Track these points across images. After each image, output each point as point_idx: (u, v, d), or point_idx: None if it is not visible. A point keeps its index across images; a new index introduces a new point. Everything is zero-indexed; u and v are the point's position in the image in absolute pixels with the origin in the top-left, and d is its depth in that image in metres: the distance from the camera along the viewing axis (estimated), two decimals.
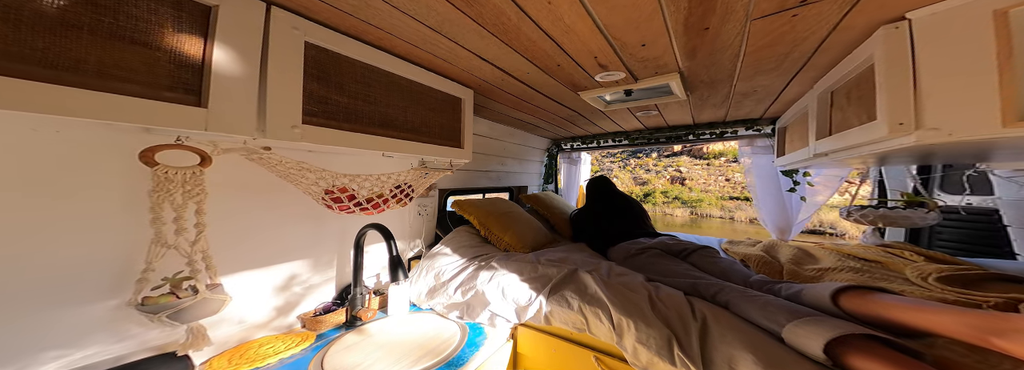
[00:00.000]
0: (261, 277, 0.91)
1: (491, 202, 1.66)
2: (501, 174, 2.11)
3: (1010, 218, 1.25)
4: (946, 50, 0.59)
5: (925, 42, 0.61)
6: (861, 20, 0.66)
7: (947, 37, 0.59)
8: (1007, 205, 1.25)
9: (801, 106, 1.30)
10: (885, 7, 0.61)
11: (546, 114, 1.67)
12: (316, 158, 0.97)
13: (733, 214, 16.73)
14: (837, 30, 0.70)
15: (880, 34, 0.67)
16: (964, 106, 0.57)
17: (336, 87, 0.80)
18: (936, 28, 0.60)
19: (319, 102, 0.76)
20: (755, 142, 1.85)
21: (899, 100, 0.62)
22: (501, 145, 2.03)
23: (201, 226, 0.63)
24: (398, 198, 1.06)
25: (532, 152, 2.40)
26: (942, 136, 0.58)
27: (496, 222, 1.47)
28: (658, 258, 1.11)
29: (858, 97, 0.82)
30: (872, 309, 0.58)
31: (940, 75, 0.59)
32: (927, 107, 0.60)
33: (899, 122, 0.62)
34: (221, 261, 0.75)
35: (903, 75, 0.62)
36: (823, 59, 0.88)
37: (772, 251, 1.33)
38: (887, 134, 0.63)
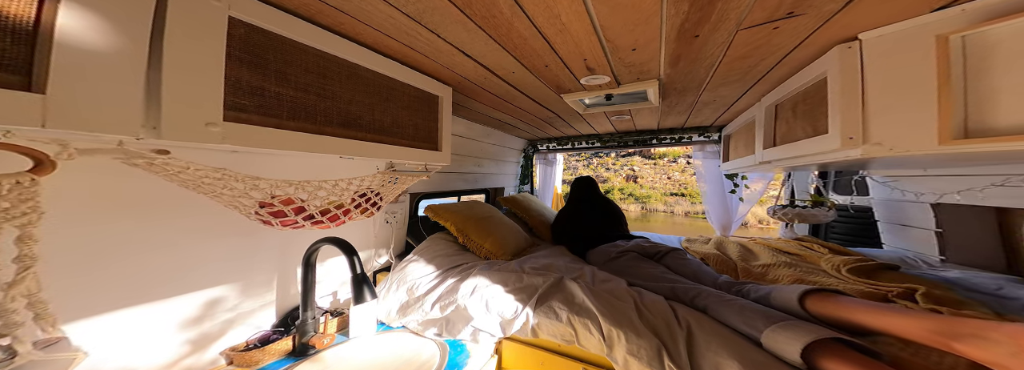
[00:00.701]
0: (159, 310, 0.70)
1: (469, 206, 1.53)
2: (478, 176, 1.98)
3: (879, 215, 1.46)
4: (892, 71, 0.61)
5: (873, 62, 0.63)
6: (822, 38, 0.67)
7: (893, 59, 0.61)
8: (877, 204, 1.45)
9: (747, 117, 1.39)
10: (846, 27, 0.62)
11: (526, 115, 1.58)
12: (248, 162, 0.76)
13: (673, 208, 18.62)
14: (800, 46, 0.71)
15: (835, 52, 0.68)
16: (905, 124, 0.59)
17: (277, 76, 0.62)
18: (884, 50, 0.62)
19: (252, 94, 0.58)
20: (705, 147, 1.98)
21: (850, 116, 0.64)
22: (478, 145, 1.89)
23: (26, 260, 0.41)
24: (363, 208, 0.89)
25: (509, 153, 2.30)
26: (883, 151, 0.60)
27: (475, 228, 1.35)
28: (636, 261, 1.10)
29: (804, 111, 0.87)
30: (836, 312, 0.60)
31: (885, 94, 0.61)
32: (872, 123, 0.62)
33: (849, 136, 0.64)
34: (87, 299, 0.55)
35: (854, 92, 0.64)
36: (777, 73, 0.92)
37: (722, 249, 1.42)
38: (839, 147, 0.65)
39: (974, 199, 1.00)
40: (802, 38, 0.68)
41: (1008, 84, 0.49)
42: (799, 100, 0.90)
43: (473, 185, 1.96)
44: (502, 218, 1.54)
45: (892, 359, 0.53)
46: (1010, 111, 0.49)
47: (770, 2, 0.53)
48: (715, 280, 0.91)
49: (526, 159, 2.51)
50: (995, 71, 0.50)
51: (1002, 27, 0.48)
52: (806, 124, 0.84)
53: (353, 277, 0.78)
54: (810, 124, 0.82)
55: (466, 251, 1.32)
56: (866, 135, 0.62)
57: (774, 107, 1.10)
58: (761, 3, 0.53)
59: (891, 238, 1.39)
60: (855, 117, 0.64)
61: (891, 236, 1.39)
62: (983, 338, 0.43)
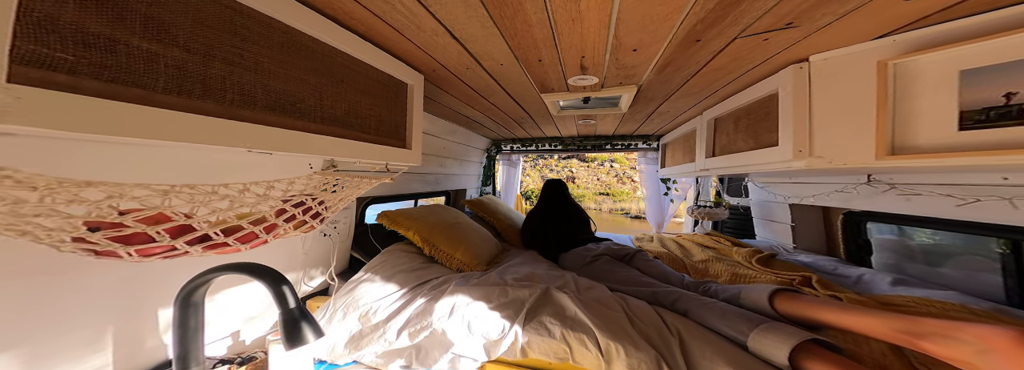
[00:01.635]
0: None
1: (433, 212, 1.33)
2: (439, 177, 1.77)
3: (755, 213, 1.74)
4: (836, 91, 0.66)
5: (820, 82, 0.68)
6: (782, 57, 0.71)
7: (838, 80, 0.66)
8: (754, 204, 1.72)
9: (686, 128, 1.57)
10: (800, 48, 0.67)
11: (498, 113, 1.45)
12: (82, 156, 0.45)
13: (601, 206, 20.98)
14: (764, 63, 0.75)
15: (789, 71, 0.73)
16: (845, 140, 0.64)
17: (149, 25, 0.36)
18: (830, 71, 0.67)
19: (88, 45, 0.32)
20: (647, 154, 2.21)
21: (801, 130, 0.70)
22: (441, 144, 1.68)
23: None
24: (298, 221, 0.63)
25: (472, 152, 2.13)
26: (824, 163, 0.66)
27: (444, 237, 1.17)
28: (611, 265, 1.10)
29: (746, 126, 0.98)
30: (804, 311, 0.62)
31: (829, 112, 0.67)
32: (817, 138, 0.68)
33: (799, 149, 0.70)
34: None
35: (803, 109, 0.70)
36: (728, 89, 1.00)
37: (667, 246, 1.58)
38: (791, 158, 0.71)
39: (817, 201, 1.28)
40: (772, 54, 0.70)
41: (926, 108, 0.55)
42: (741, 115, 1.02)
43: (433, 187, 1.74)
44: (471, 224, 1.39)
45: None
46: (928, 132, 0.55)
47: (782, 10, 0.52)
48: (681, 280, 0.96)
49: (489, 159, 2.38)
50: (917, 97, 0.56)
51: (924, 58, 0.54)
52: (748, 137, 0.96)
53: (284, 315, 0.52)
54: (752, 137, 0.93)
55: (434, 263, 1.13)
56: (812, 149, 0.69)
57: (714, 121, 1.24)
58: (774, 10, 0.53)
59: (762, 231, 1.71)
60: (804, 131, 0.70)
61: (762, 229, 1.70)
62: (949, 337, 0.44)
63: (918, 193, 0.83)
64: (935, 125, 0.54)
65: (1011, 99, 0.45)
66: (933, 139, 0.54)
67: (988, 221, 0.72)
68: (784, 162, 0.75)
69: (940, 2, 0.47)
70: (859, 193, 1.04)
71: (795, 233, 1.42)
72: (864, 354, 0.57)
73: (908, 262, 1.14)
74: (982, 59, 0.48)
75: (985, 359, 0.39)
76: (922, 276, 1.01)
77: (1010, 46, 0.46)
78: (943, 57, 0.52)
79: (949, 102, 0.52)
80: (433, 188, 1.73)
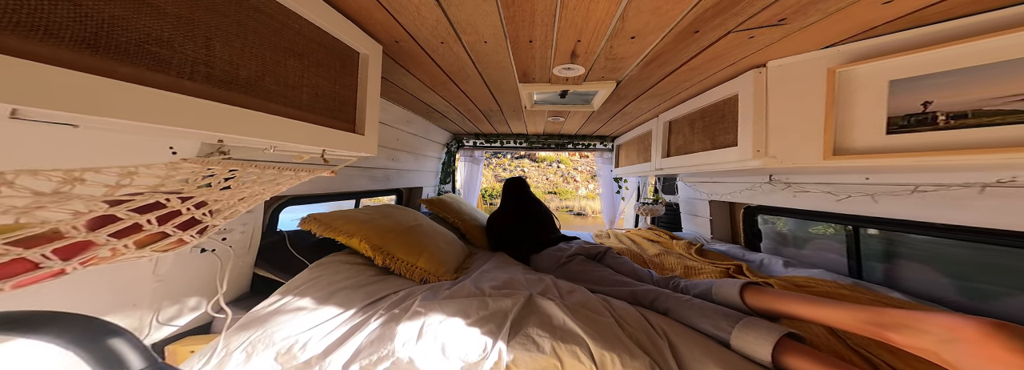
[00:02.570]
0: None
1: (385, 213, 1.09)
2: (390, 172, 1.49)
3: (682, 208, 1.92)
4: (788, 95, 0.70)
5: (775, 87, 0.72)
6: (747, 61, 0.73)
7: (792, 85, 0.70)
8: (683, 201, 1.90)
9: (641, 130, 1.67)
10: (767, 54, 0.69)
11: (466, 103, 1.28)
12: None
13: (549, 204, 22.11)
14: (731, 66, 0.77)
15: (750, 75, 0.76)
16: (796, 141, 0.68)
17: None
18: (785, 77, 0.71)
19: None
20: (604, 154, 2.33)
21: (759, 131, 0.73)
22: (395, 134, 1.42)
23: None
24: (151, 234, 0.38)
25: (430, 146, 1.88)
26: (777, 163, 0.70)
27: (402, 242, 0.96)
28: (586, 265, 1.06)
29: (702, 128, 1.05)
30: (774, 305, 0.63)
31: (782, 114, 0.71)
32: (771, 139, 0.72)
33: (757, 149, 0.74)
34: None
35: (762, 111, 0.74)
36: (688, 92, 1.02)
37: (623, 241, 1.67)
38: (750, 158, 0.74)
39: (730, 198, 1.40)
40: (745, 55, 0.71)
41: (861, 114, 0.60)
42: (696, 118, 1.10)
43: (383, 184, 1.46)
44: (434, 226, 1.19)
45: None
46: (862, 135, 0.60)
47: (786, 2, 0.50)
48: (650, 277, 0.98)
49: (449, 155, 2.16)
50: (854, 102, 0.61)
51: (861, 68, 0.59)
52: (705, 138, 1.04)
53: None
54: (709, 138, 1.01)
55: (390, 275, 0.92)
56: (767, 149, 0.73)
57: (669, 123, 1.34)
58: (779, 3, 0.51)
59: (688, 224, 1.89)
60: (762, 133, 0.73)
61: (688, 223, 1.89)
62: (914, 328, 0.44)
63: (806, 191, 1.02)
64: (868, 129, 0.59)
65: (927, 107, 0.52)
66: (866, 142, 0.60)
67: (857, 213, 0.85)
68: (742, 161, 0.80)
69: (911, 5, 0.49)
70: (762, 191, 1.23)
71: (712, 226, 1.64)
72: (809, 337, 0.62)
73: (782, 246, 1.42)
74: (907, 71, 0.54)
75: (949, 348, 0.40)
76: (794, 257, 1.26)
77: (929, 60, 0.52)
78: (877, 68, 0.58)
79: (880, 108, 0.58)
80: (382, 185, 1.45)
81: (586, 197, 20.88)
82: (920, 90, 0.53)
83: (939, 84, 0.51)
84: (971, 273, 0.77)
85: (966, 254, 0.77)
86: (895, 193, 0.75)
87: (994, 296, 0.73)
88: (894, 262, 0.95)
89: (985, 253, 0.73)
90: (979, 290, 0.75)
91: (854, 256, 1.02)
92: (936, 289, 0.83)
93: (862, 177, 0.81)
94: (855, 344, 0.59)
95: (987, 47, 0.47)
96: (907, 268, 0.91)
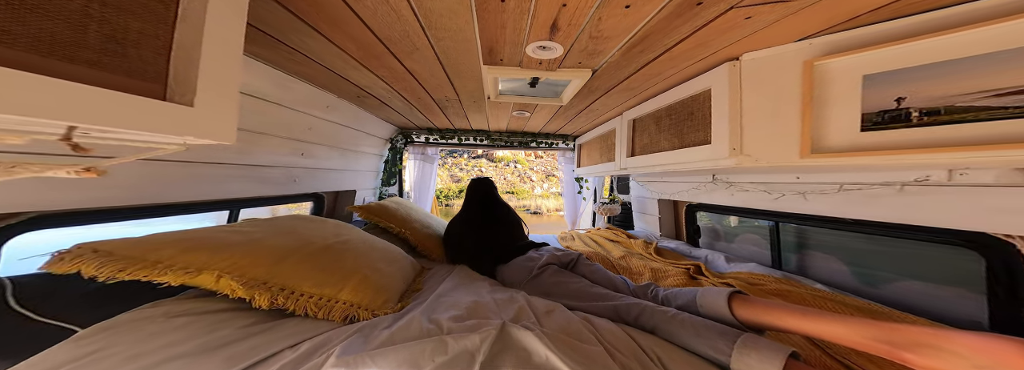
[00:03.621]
0: None
1: (281, 228, 0.78)
2: (298, 172, 1.12)
3: (634, 206, 1.93)
4: (765, 90, 0.65)
5: (750, 81, 0.68)
6: (724, 53, 0.68)
7: (767, 79, 0.65)
8: (634, 199, 1.91)
9: (603, 129, 1.65)
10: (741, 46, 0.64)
11: (412, 88, 1.02)
12: None
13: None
14: (708, 57, 0.71)
15: (724, 69, 0.72)
16: (772, 139, 0.64)
17: None
18: (758, 70, 0.66)
19: None
20: (566, 154, 2.29)
21: (735, 128, 0.69)
22: (303, 121, 1.05)
23: None
24: None
25: (367, 141, 1.52)
26: (751, 161, 0.66)
27: (309, 269, 0.67)
28: (559, 276, 0.93)
29: (669, 126, 1.02)
30: (765, 317, 0.57)
31: (757, 110, 0.66)
32: (746, 136, 0.68)
33: (733, 147, 0.69)
34: None
35: (736, 107, 0.69)
36: (657, 88, 0.97)
37: (587, 243, 1.63)
38: (726, 156, 0.70)
39: (677, 196, 1.44)
40: (724, 45, 0.66)
41: (835, 110, 0.57)
42: (662, 116, 1.08)
43: (284, 188, 1.08)
44: (368, 241, 0.91)
45: None
46: (837, 133, 0.57)
47: None
48: (626, 285, 0.91)
49: (394, 152, 1.81)
50: (828, 98, 0.58)
51: (835, 62, 0.56)
52: (672, 136, 1.02)
53: None
54: (677, 137, 0.99)
55: (286, 319, 0.62)
56: (742, 147, 0.69)
57: (633, 122, 1.32)
58: None
59: (639, 223, 1.91)
60: (737, 130, 0.69)
61: (639, 221, 1.90)
62: (938, 348, 0.38)
63: (746, 190, 1.09)
64: (842, 126, 0.57)
65: (901, 103, 0.50)
66: (841, 140, 0.57)
67: (790, 211, 0.88)
68: (716, 160, 0.76)
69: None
70: (705, 189, 1.29)
71: (660, 223, 1.72)
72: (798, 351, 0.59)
73: (715, 241, 1.56)
74: (881, 65, 0.52)
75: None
76: (725, 251, 1.36)
77: (903, 54, 0.50)
78: (851, 62, 0.55)
79: (854, 105, 0.55)
80: (282, 190, 1.07)
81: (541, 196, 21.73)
82: (894, 85, 0.52)
83: (913, 78, 0.50)
84: (868, 261, 0.86)
85: (866, 245, 0.86)
86: (824, 192, 0.78)
87: (886, 281, 0.81)
88: (805, 252, 1.08)
89: (883, 243, 0.81)
90: (873, 276, 0.84)
91: (775, 248, 1.13)
92: (837, 276, 0.95)
93: (793, 176, 0.87)
94: (836, 354, 0.57)
95: (961, 41, 0.46)
96: (816, 258, 1.04)
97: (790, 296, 0.78)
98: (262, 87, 0.83)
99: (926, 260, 0.74)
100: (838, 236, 0.94)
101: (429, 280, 0.98)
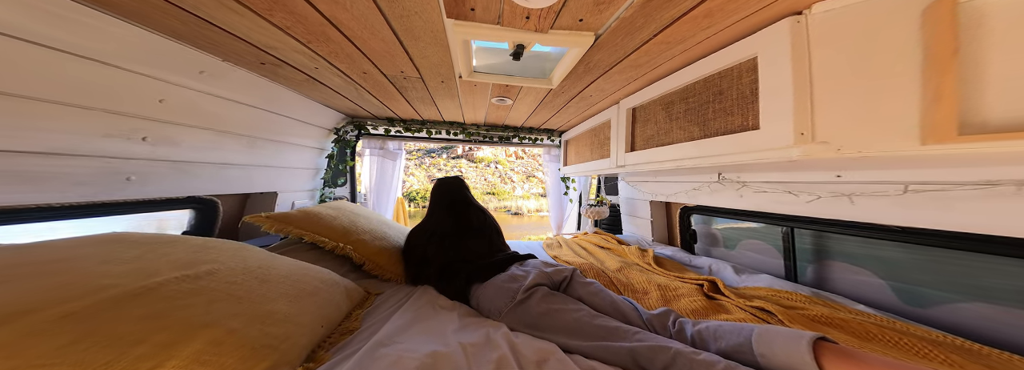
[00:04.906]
0: None
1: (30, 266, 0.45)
2: (135, 166, 0.74)
3: (623, 209, 1.81)
4: (850, 51, 0.47)
5: (823, 40, 0.50)
6: (778, 7, 0.51)
7: (852, 36, 0.47)
8: (623, 201, 1.79)
9: (594, 121, 1.44)
10: None
11: (347, 55, 0.73)
12: None
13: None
14: (752, 15, 0.54)
15: (784, 26, 0.53)
16: (867, 119, 0.46)
17: None
18: (839, 25, 0.48)
19: None
20: (551, 151, 2.08)
21: (802, 106, 0.49)
22: (141, 88, 0.69)
23: None
24: None
25: (295, 129, 1.17)
26: (830, 151, 0.47)
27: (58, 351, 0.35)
28: (552, 301, 0.70)
29: (684, 112, 0.83)
30: None
31: (836, 80, 0.48)
32: (821, 117, 0.48)
33: (800, 132, 0.49)
34: None
35: (804, 77, 0.49)
36: (675, 61, 0.78)
37: (576, 252, 1.41)
38: (790, 144, 0.50)
39: (674, 199, 1.30)
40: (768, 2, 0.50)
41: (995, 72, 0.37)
42: (674, 100, 0.88)
43: (99, 191, 0.70)
44: (258, 267, 0.61)
45: None
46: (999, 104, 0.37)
47: None
48: (637, 313, 0.70)
49: (342, 145, 1.45)
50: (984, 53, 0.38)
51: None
52: (689, 125, 0.82)
53: None
54: (697, 125, 0.79)
55: None
56: (814, 132, 0.49)
57: (632, 111, 1.12)
58: None
59: (627, 226, 1.78)
60: (805, 108, 0.49)
61: (628, 224, 1.77)
62: None
63: (763, 191, 0.93)
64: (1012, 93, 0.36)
65: None
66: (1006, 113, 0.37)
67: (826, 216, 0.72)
68: (769, 151, 0.56)
69: None
70: (709, 190, 1.14)
71: (653, 227, 1.58)
72: None
73: (713, 247, 1.42)
74: None
75: None
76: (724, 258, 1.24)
77: None
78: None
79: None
80: (99, 195, 0.69)
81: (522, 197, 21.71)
82: None
83: None
84: (913, 276, 0.71)
85: (905, 255, 0.72)
86: (882, 193, 0.61)
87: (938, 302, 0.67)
88: (826, 262, 0.93)
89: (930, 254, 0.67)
90: (920, 295, 0.70)
91: (790, 257, 0.99)
92: (871, 292, 0.78)
93: (832, 174, 0.71)
94: None
95: None
96: (840, 269, 0.89)
97: (849, 326, 0.61)
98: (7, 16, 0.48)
99: (1002, 276, 0.59)
100: (869, 244, 0.80)
101: (374, 313, 0.71)
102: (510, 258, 0.90)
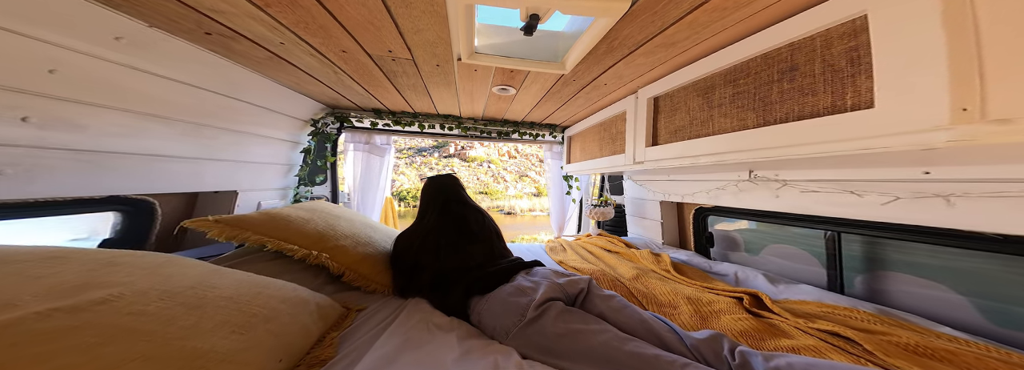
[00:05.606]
0: None
1: None
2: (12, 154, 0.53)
3: (629, 210, 1.73)
4: None
5: None
6: None
7: None
8: (629, 201, 1.72)
9: (604, 115, 1.29)
10: None
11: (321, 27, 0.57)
12: None
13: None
14: None
15: None
16: None
17: None
18: None
19: None
20: (553, 148, 1.94)
21: (962, 70, 0.35)
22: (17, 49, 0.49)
23: None
24: None
25: (262, 118, 0.98)
26: (1014, 134, 0.33)
27: None
28: (569, 321, 0.57)
29: (732, 96, 0.69)
30: None
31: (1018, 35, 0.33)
32: (992, 85, 0.34)
33: (962, 107, 0.36)
34: None
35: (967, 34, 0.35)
36: (713, 42, 0.67)
37: (584, 256, 1.28)
38: (946, 123, 0.36)
39: (692, 199, 1.18)
40: None
41: None
42: (715, 84, 0.75)
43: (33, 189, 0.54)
44: (187, 288, 0.44)
45: None
46: None
47: None
48: (674, 335, 0.56)
49: (321, 139, 1.26)
50: None
51: None
52: (740, 111, 0.67)
53: None
54: (752, 110, 0.64)
55: None
56: (985, 104, 0.35)
57: (654, 100, 0.99)
58: None
59: (633, 227, 1.69)
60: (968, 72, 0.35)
61: (634, 226, 1.68)
62: None
63: (812, 191, 0.78)
64: None
65: None
66: None
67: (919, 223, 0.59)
68: (902, 135, 0.42)
69: None
70: (736, 190, 1.02)
71: (662, 229, 1.46)
72: None
73: (732, 252, 1.24)
74: None
75: None
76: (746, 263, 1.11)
77: None
78: None
79: None
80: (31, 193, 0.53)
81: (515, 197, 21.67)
82: None
83: None
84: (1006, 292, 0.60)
85: (991, 266, 0.61)
86: (998, 193, 0.49)
87: None
88: (882, 273, 0.80)
89: None
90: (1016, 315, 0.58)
91: (835, 266, 0.87)
92: (948, 310, 0.67)
93: (919, 170, 0.58)
94: None
95: None
96: (903, 282, 0.76)
97: (962, 360, 0.48)
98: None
99: None
100: (945, 253, 0.67)
101: (353, 336, 0.56)
102: (515, 266, 0.76)
